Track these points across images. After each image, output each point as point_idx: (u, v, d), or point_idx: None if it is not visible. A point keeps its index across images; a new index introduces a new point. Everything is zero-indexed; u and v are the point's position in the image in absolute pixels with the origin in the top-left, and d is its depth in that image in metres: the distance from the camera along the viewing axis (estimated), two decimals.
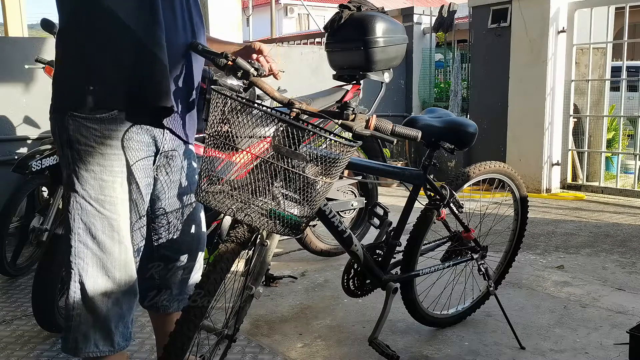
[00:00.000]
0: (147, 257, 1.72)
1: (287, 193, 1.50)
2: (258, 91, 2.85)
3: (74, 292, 1.55)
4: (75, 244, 1.53)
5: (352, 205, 3.04)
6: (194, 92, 1.68)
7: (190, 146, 1.74)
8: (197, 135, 1.91)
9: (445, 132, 2.15)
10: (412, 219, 2.21)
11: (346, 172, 3.01)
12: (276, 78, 1.74)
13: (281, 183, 1.48)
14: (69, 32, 1.53)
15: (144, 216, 1.63)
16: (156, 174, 1.65)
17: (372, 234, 3.01)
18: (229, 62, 1.55)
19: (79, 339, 1.56)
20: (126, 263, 1.58)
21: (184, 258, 1.79)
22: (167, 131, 1.61)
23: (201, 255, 1.85)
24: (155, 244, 1.75)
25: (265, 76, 1.66)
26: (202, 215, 1.84)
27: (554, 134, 5.32)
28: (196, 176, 1.76)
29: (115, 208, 1.54)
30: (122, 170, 1.54)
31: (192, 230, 1.80)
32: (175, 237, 1.76)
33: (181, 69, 1.60)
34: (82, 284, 1.54)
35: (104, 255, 1.54)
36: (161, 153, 1.63)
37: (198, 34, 1.65)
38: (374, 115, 1.59)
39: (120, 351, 1.61)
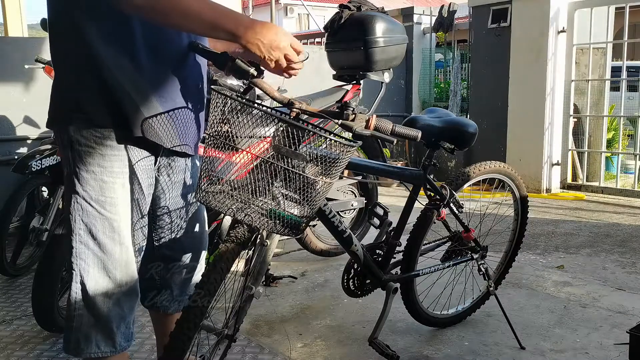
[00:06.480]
0: (147, 257, 1.72)
1: (287, 193, 1.49)
2: (258, 91, 2.84)
3: (76, 292, 1.55)
4: (77, 245, 1.53)
5: (352, 205, 3.04)
6: (201, 89, 1.68)
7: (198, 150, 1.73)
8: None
9: (445, 132, 2.15)
10: (412, 219, 2.21)
11: (346, 172, 3.01)
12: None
13: (281, 183, 1.48)
14: (57, 39, 1.51)
15: (145, 216, 1.62)
16: (157, 175, 1.65)
17: (372, 234, 3.01)
18: (229, 62, 1.55)
19: (81, 339, 1.56)
20: (127, 264, 1.58)
21: (185, 258, 1.79)
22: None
23: (203, 255, 1.85)
24: (156, 243, 1.75)
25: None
26: (205, 215, 1.84)
27: (554, 134, 5.32)
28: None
29: (116, 209, 1.53)
30: (122, 170, 1.53)
31: (194, 230, 1.79)
32: (176, 236, 1.75)
33: (184, 69, 1.59)
34: (83, 284, 1.54)
35: (105, 256, 1.54)
36: (162, 154, 1.63)
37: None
38: (374, 115, 1.59)
39: (121, 352, 1.61)
